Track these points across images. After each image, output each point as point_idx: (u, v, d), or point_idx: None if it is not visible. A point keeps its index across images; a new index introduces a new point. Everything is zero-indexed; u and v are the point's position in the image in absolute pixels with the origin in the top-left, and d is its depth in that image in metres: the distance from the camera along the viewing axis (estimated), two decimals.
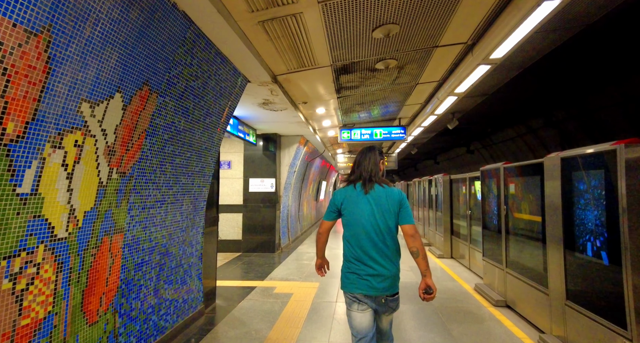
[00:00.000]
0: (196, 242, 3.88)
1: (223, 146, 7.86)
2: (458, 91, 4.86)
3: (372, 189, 2.07)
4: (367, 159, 2.17)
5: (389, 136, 7.62)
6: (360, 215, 2.04)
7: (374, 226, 2.01)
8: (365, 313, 1.99)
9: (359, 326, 1.99)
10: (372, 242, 1.99)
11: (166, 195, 3.12)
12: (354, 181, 2.16)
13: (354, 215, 2.06)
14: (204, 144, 3.61)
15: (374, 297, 1.98)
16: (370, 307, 2.00)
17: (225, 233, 7.73)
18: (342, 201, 2.13)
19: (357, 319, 2.00)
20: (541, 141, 11.28)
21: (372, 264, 1.98)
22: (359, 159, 2.21)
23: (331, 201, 2.19)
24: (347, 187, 2.18)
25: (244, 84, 3.96)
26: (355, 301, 2.01)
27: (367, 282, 1.97)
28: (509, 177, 4.04)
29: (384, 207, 2.03)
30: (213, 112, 3.56)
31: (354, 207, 2.07)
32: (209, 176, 3.94)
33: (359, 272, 2.00)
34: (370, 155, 2.19)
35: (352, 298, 2.03)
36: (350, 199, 2.10)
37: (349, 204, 2.09)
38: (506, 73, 5.06)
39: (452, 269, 6.21)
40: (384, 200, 2.04)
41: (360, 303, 1.99)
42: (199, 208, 3.86)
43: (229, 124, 5.64)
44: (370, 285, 1.96)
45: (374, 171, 2.14)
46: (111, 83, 2.10)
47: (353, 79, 4.53)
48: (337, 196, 2.17)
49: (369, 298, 1.99)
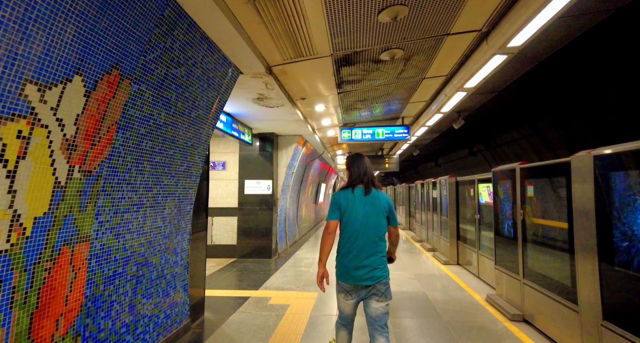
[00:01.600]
0: (182, 249, 3.50)
1: (217, 146, 7.50)
2: (468, 86, 4.52)
3: (370, 192, 2.35)
4: (366, 165, 2.45)
5: (392, 136, 7.27)
6: (360, 215, 2.29)
7: (370, 224, 2.29)
8: (351, 302, 2.34)
9: (345, 310, 2.39)
10: (367, 238, 2.27)
11: (144, 198, 2.76)
12: (354, 184, 2.40)
13: (353, 214, 2.30)
14: (190, 141, 3.25)
15: (364, 286, 2.27)
16: (355, 297, 2.32)
17: (219, 238, 7.35)
18: (344, 202, 2.35)
19: (343, 305, 2.38)
20: (547, 143, 10.96)
21: (366, 258, 2.25)
22: (356, 164, 2.45)
23: (333, 202, 2.39)
24: (347, 189, 2.40)
25: (236, 76, 3.61)
26: (344, 291, 2.34)
27: (359, 275, 2.25)
28: (527, 179, 3.68)
29: (378, 208, 2.32)
30: (200, 105, 3.20)
31: (354, 208, 2.31)
32: (196, 177, 3.58)
33: (348, 263, 2.28)
34: (366, 161, 2.47)
35: (343, 287, 2.33)
36: (350, 200, 2.34)
37: (349, 205, 2.33)
38: (519, 66, 4.72)
39: (460, 277, 5.84)
40: (378, 202, 2.34)
41: (347, 294, 2.32)
42: (184, 212, 3.49)
43: (222, 122, 5.28)
44: (357, 276, 2.25)
45: (371, 176, 2.43)
46: (67, 62, 1.74)
47: (355, 72, 4.18)
48: (339, 197, 2.39)
49: (359, 288, 2.29)
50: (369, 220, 2.28)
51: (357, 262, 2.25)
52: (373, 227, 2.28)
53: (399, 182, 33.44)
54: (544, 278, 3.39)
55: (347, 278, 2.28)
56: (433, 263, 6.99)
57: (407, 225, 13.41)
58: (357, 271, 2.25)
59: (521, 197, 3.77)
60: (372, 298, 2.28)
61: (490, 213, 5.30)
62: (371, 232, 2.27)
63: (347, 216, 2.31)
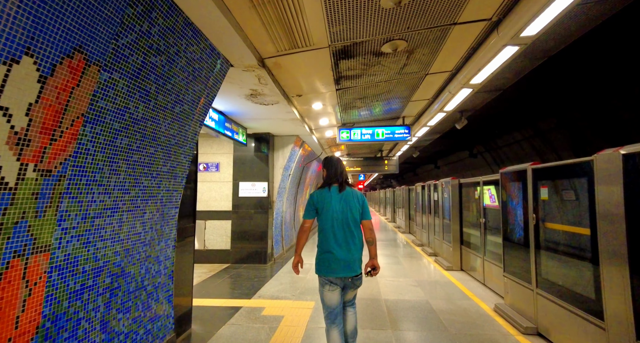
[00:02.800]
0: (165, 257, 3.21)
1: (211, 147, 7.22)
2: (474, 82, 4.26)
3: (344, 190, 2.59)
4: (340, 166, 2.69)
5: (392, 136, 7.01)
6: (335, 211, 2.51)
7: (345, 219, 2.50)
8: (334, 292, 2.47)
9: (330, 302, 2.48)
10: (343, 233, 2.48)
11: (120, 201, 2.46)
12: (329, 184, 2.63)
13: (329, 211, 2.52)
14: (174, 138, 2.97)
15: (342, 278, 2.46)
16: (339, 287, 2.48)
17: (213, 243, 7.04)
18: (319, 201, 2.58)
19: (329, 296, 2.48)
20: (550, 144, 10.73)
21: (342, 252, 2.45)
22: (332, 166, 2.69)
23: (309, 201, 2.61)
24: (323, 189, 2.63)
25: (225, 68, 3.33)
26: (327, 283, 2.48)
27: (337, 266, 2.44)
28: (540, 180, 3.41)
29: (352, 204, 2.55)
30: (185, 99, 2.92)
31: (329, 205, 2.53)
32: (181, 178, 3.29)
33: (329, 257, 2.46)
34: (340, 163, 2.72)
35: (325, 280, 2.48)
36: (326, 198, 2.56)
37: (325, 203, 2.54)
38: (528, 62, 4.47)
39: (464, 284, 5.55)
40: (352, 198, 2.57)
41: (332, 284, 2.46)
42: (168, 216, 3.20)
43: (214, 121, 5.00)
44: (341, 269, 2.43)
45: (345, 176, 2.69)
46: (10, 40, 1.46)
47: (355, 66, 3.91)
48: (314, 197, 2.61)
49: (339, 280, 2.46)
50: (345, 214, 2.52)
51: (336, 255, 2.47)
52: (349, 221, 2.52)
53: (397, 184, 33.18)
54: (561, 289, 3.11)
55: (329, 272, 2.47)
56: (435, 269, 6.70)
57: (407, 229, 13.13)
58: (335, 264, 2.46)
59: (533, 200, 3.50)
60: (348, 289, 2.57)
61: (497, 217, 5.03)
62: (347, 227, 2.51)
63: (324, 212, 2.54)
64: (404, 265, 7.09)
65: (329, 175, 2.66)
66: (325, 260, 2.48)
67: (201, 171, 7.18)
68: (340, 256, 2.44)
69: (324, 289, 2.50)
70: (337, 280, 2.47)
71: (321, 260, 2.51)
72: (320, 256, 2.53)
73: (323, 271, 2.48)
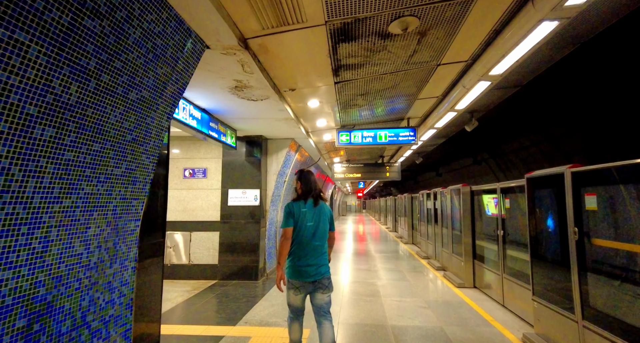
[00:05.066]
0: (121, 282, 2.56)
1: (198, 151, 6.60)
2: (494, 73, 3.68)
3: (319, 204, 2.86)
4: (315, 181, 2.94)
5: (396, 139, 6.42)
6: (311, 223, 2.77)
7: (317, 231, 2.79)
8: (299, 296, 2.77)
9: (294, 303, 2.80)
10: (315, 242, 2.77)
11: (45, 213, 1.84)
12: (305, 197, 2.86)
13: (306, 222, 2.76)
14: (130, 133, 2.35)
15: (311, 282, 2.73)
16: (304, 292, 2.76)
17: (198, 257, 6.37)
18: (297, 212, 2.78)
19: (293, 299, 2.79)
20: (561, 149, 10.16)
21: (315, 259, 2.75)
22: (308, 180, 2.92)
23: (288, 211, 2.79)
24: (299, 201, 2.84)
25: (199, 49, 2.74)
26: (294, 288, 2.75)
27: (309, 271, 2.71)
28: (584, 187, 2.79)
29: (323, 217, 2.85)
30: (144, 83, 2.32)
31: (306, 217, 2.78)
32: (144, 183, 2.67)
33: (301, 264, 2.72)
34: (315, 178, 2.95)
35: (294, 284, 2.75)
36: (302, 210, 2.79)
37: (301, 214, 2.78)
38: (556, 50, 3.89)
39: (480, 305, 4.89)
40: (324, 212, 2.88)
41: (298, 288, 2.74)
42: (125, 231, 2.56)
43: (195, 119, 4.40)
44: (310, 274, 2.71)
45: (320, 190, 2.92)
46: None
47: (356, 51, 3.32)
48: (293, 207, 2.80)
49: (309, 284, 2.73)
50: (318, 227, 2.78)
51: (309, 261, 2.71)
52: (321, 232, 2.79)
53: (397, 192, 32.51)
54: (622, 324, 2.46)
55: (299, 276, 2.70)
56: (445, 286, 6.04)
57: (409, 239, 12.45)
58: (308, 269, 2.70)
59: (575, 211, 2.88)
60: (318, 291, 2.75)
61: (517, 229, 4.40)
62: (319, 237, 2.77)
63: (300, 223, 2.75)
64: (410, 281, 6.42)
65: (306, 189, 2.88)
66: (297, 267, 2.72)
67: (187, 177, 6.55)
68: (313, 263, 2.72)
69: (289, 291, 2.78)
70: (307, 285, 2.72)
71: (295, 267, 2.73)
72: (295, 263, 2.74)
73: (296, 276, 2.72)
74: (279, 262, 2.73)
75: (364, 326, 4.02)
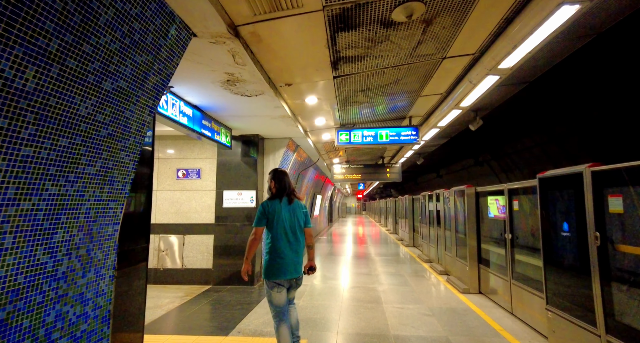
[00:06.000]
0: (97, 292, 2.32)
1: (192, 150, 6.36)
2: (504, 66, 3.45)
3: (293, 202, 2.94)
4: (288, 181, 3.01)
5: (397, 139, 6.18)
6: (286, 220, 2.84)
7: (293, 227, 2.86)
8: (282, 293, 2.80)
9: (279, 302, 2.79)
10: (290, 239, 2.83)
11: None
12: (279, 195, 2.93)
13: (281, 220, 2.83)
14: (105, 128, 2.11)
15: (289, 280, 2.80)
16: (285, 287, 2.81)
17: (192, 261, 6.11)
18: (271, 211, 2.84)
19: (278, 297, 2.78)
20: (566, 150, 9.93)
21: (290, 256, 2.79)
22: (282, 179, 2.99)
23: (262, 211, 2.85)
24: (274, 200, 2.92)
25: (186, 37, 2.50)
26: (276, 285, 2.76)
27: (287, 269, 2.76)
28: (607, 187, 2.55)
29: (298, 214, 2.93)
30: (121, 72, 2.08)
31: (280, 215, 2.83)
32: (123, 183, 2.42)
33: (281, 262, 2.76)
34: (288, 178, 3.04)
35: (274, 283, 2.76)
36: (277, 208, 2.85)
37: (276, 213, 2.83)
38: (569, 42, 3.65)
39: (487, 312, 4.64)
40: (299, 209, 2.96)
41: (279, 286, 2.77)
42: (102, 236, 2.32)
43: (187, 116, 4.16)
44: (289, 271, 2.77)
45: (293, 189, 3.02)
46: None
47: (357, 42, 3.09)
48: (267, 207, 2.87)
49: (286, 281, 2.79)
50: (293, 223, 2.85)
51: (287, 259, 2.76)
52: (296, 229, 2.86)
53: (397, 194, 32.23)
54: None
55: (279, 275, 2.73)
56: (449, 292, 5.78)
57: (410, 242, 12.20)
58: (287, 267, 2.75)
59: (595, 214, 2.64)
60: (292, 288, 2.87)
61: (526, 232, 4.16)
62: (295, 233, 2.84)
63: (276, 222, 2.80)
64: (412, 286, 6.16)
65: (280, 188, 2.94)
66: (277, 265, 2.75)
67: (180, 178, 6.30)
68: (289, 260, 2.78)
69: (272, 292, 2.76)
70: (284, 282, 2.77)
71: (273, 265, 2.76)
72: (271, 261, 2.77)
73: (274, 275, 2.74)
74: (246, 257, 2.84)
75: (364, 336, 3.77)
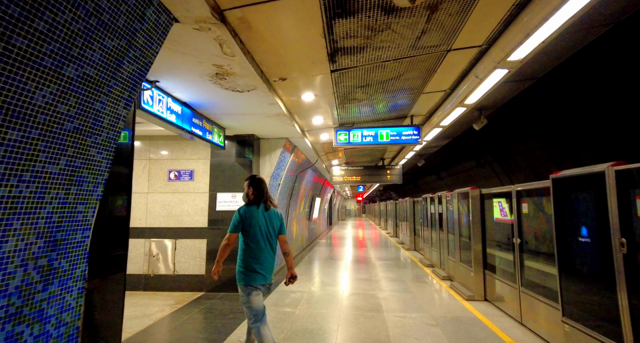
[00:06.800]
0: (61, 308, 2.05)
1: (184, 151, 6.10)
2: (514, 58, 3.21)
3: (269, 209, 2.98)
4: (265, 188, 3.03)
5: (398, 138, 5.94)
6: (263, 227, 2.88)
7: (268, 234, 2.90)
8: (260, 296, 2.82)
9: (258, 305, 2.79)
10: (266, 245, 2.87)
11: None
12: (257, 202, 2.94)
13: (256, 227, 2.84)
14: (70, 121, 1.85)
15: (264, 285, 2.86)
16: (262, 291, 2.86)
17: (184, 267, 5.84)
18: (248, 217, 2.85)
19: (256, 302, 2.78)
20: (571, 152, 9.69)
21: (266, 261, 2.84)
22: (260, 186, 2.99)
23: (238, 218, 2.85)
24: (251, 206, 2.92)
25: (166, 22, 2.25)
26: (254, 290, 2.78)
27: (263, 274, 2.81)
28: (634, 188, 2.30)
29: (273, 221, 2.97)
30: (87, 57, 1.83)
31: (256, 221, 2.86)
32: (95, 184, 2.17)
33: (258, 268, 2.79)
34: (265, 185, 3.07)
35: (252, 288, 2.77)
36: (255, 215, 2.87)
37: (252, 219, 2.85)
38: (582, 34, 3.41)
39: (494, 322, 4.37)
40: (275, 216, 2.99)
41: (257, 290, 2.80)
42: (67, 244, 2.05)
43: (175, 114, 3.90)
44: (264, 276, 2.82)
45: (270, 196, 3.06)
46: None
47: (355, 30, 2.84)
48: (244, 213, 2.87)
49: (262, 286, 2.84)
50: (269, 230, 2.91)
51: (264, 265, 2.83)
52: (272, 236, 2.93)
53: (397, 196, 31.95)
54: None
55: (256, 280, 2.78)
56: (453, 299, 5.51)
57: (411, 245, 11.92)
58: (263, 272, 2.82)
59: (621, 219, 2.38)
60: (263, 294, 2.91)
61: (537, 237, 3.90)
62: (270, 240, 2.91)
63: (254, 228, 2.83)
64: (414, 292, 5.89)
65: (259, 194, 2.94)
66: (254, 271, 2.77)
67: (172, 180, 6.04)
68: (266, 266, 2.83)
69: (251, 296, 2.76)
70: (261, 286, 2.81)
71: (250, 271, 2.78)
72: (248, 267, 2.78)
73: (251, 281, 2.76)
74: (218, 261, 2.87)
75: None
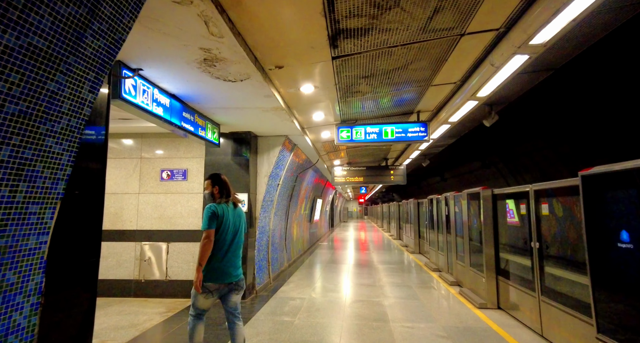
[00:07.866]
0: (7, 330, 1.71)
1: (177, 149, 5.78)
2: (537, 41, 2.89)
3: (236, 207, 3.00)
4: (229, 185, 3.01)
5: (404, 136, 5.59)
6: (231, 224, 2.88)
7: (237, 232, 2.93)
8: (210, 300, 2.78)
9: (204, 306, 2.79)
10: (234, 243, 2.90)
11: None
12: (227, 199, 2.94)
13: (227, 224, 2.85)
14: (15, 103, 1.52)
15: (228, 283, 2.81)
16: (217, 295, 2.80)
17: (176, 271, 5.50)
18: (221, 213, 2.83)
19: (202, 302, 2.76)
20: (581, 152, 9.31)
21: (234, 260, 2.88)
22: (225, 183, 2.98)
23: (212, 214, 2.80)
24: (222, 204, 2.89)
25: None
26: (208, 291, 2.74)
27: (230, 272, 2.82)
28: None
29: (241, 219, 3.02)
30: (30, 23, 1.50)
31: (227, 219, 2.86)
32: (54, 180, 1.84)
33: (226, 266, 2.80)
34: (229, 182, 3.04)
35: (209, 288, 2.74)
36: (224, 213, 2.86)
37: (224, 217, 2.84)
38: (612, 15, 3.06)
39: (512, 334, 4.00)
40: (241, 214, 3.03)
41: (211, 292, 2.76)
42: (15, 252, 1.72)
43: (162, 107, 3.58)
44: (232, 275, 2.82)
45: (235, 194, 3.08)
46: None
47: (360, 8, 2.50)
48: (218, 210, 2.83)
49: (225, 286, 2.80)
50: (237, 228, 2.93)
51: (230, 263, 2.83)
52: (239, 233, 2.95)
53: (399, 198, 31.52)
54: None
55: (219, 278, 2.76)
56: (464, 307, 5.14)
57: (416, 248, 11.54)
58: (230, 270, 2.81)
59: None
60: (233, 292, 2.87)
61: (561, 241, 3.54)
62: (238, 238, 2.93)
63: (223, 226, 2.82)
64: (421, 300, 5.52)
65: (224, 192, 2.92)
66: (220, 268, 2.77)
67: (164, 180, 5.72)
68: (233, 263, 2.85)
69: (200, 295, 2.73)
70: (222, 287, 2.78)
71: (216, 269, 2.76)
72: (217, 265, 2.76)
73: (215, 278, 2.75)
74: (200, 263, 2.73)
75: None
